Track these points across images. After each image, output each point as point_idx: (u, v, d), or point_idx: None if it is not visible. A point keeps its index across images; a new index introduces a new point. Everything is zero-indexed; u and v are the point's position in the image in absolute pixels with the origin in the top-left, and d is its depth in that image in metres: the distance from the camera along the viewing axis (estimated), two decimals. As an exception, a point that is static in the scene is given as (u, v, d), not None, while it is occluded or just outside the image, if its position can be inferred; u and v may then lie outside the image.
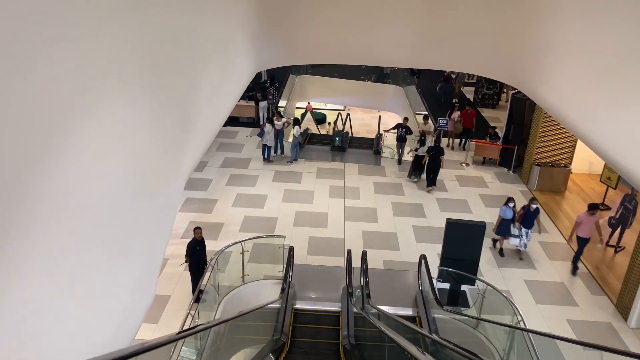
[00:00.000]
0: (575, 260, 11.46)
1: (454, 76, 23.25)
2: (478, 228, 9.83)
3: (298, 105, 25.20)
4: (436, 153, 14.57)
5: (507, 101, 22.74)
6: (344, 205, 13.77)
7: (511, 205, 11.67)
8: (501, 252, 11.88)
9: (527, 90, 6.04)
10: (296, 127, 15.83)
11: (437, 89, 22.80)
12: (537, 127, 14.99)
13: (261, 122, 17.51)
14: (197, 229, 9.75)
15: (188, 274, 9.97)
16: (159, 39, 2.89)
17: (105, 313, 2.43)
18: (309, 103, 25.62)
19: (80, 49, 2.08)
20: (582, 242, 11.24)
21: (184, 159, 3.62)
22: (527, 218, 11.52)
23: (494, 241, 12.17)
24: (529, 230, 11.60)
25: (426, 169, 14.85)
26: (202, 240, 9.83)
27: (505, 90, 23.06)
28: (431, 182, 14.71)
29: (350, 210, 13.56)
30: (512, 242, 11.82)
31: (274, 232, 12.14)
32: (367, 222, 13.01)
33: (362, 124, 25.70)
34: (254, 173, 15.35)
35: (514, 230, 11.66)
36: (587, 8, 4.76)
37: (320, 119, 24.75)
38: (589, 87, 4.67)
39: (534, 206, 11.47)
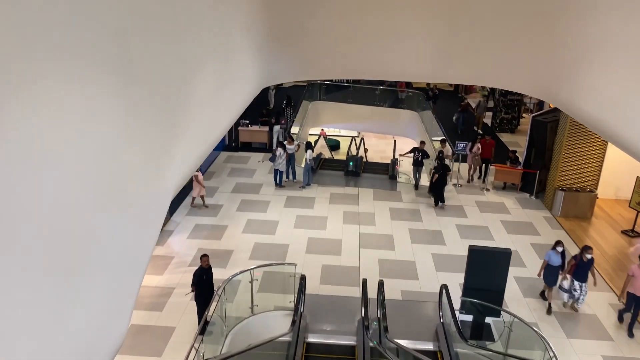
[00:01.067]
0: (631, 326, 9.72)
1: (474, 105, 22.05)
2: (503, 255, 9.17)
3: (311, 132, 24.90)
4: (444, 172, 14.64)
5: (525, 125, 22.30)
6: (358, 232, 13.18)
7: (560, 249, 9.92)
8: (549, 310, 10.24)
9: (559, 102, 5.53)
10: (309, 151, 15.41)
11: (453, 120, 21.74)
12: (560, 150, 14.37)
13: (274, 147, 17.21)
14: (204, 257, 9.24)
15: (194, 304, 9.43)
16: (131, 11, 2.39)
17: (50, 353, 1.90)
18: (322, 129, 25.29)
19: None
20: (635, 300, 9.56)
21: (170, 166, 3.14)
22: (581, 269, 9.87)
23: (542, 293, 10.65)
24: (583, 284, 9.90)
25: (432, 187, 14.89)
26: (209, 268, 9.31)
27: (523, 114, 22.52)
28: (440, 198, 14.71)
29: (366, 237, 12.96)
30: (562, 296, 10.28)
31: (285, 260, 11.58)
32: (383, 249, 12.40)
33: (377, 150, 25.23)
34: (265, 198, 14.89)
35: (563, 283, 10.05)
36: (624, 3, 4.27)
37: (334, 146, 24.38)
38: (635, 90, 4.15)
39: (588, 256, 9.71)
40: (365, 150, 20.23)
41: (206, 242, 12.42)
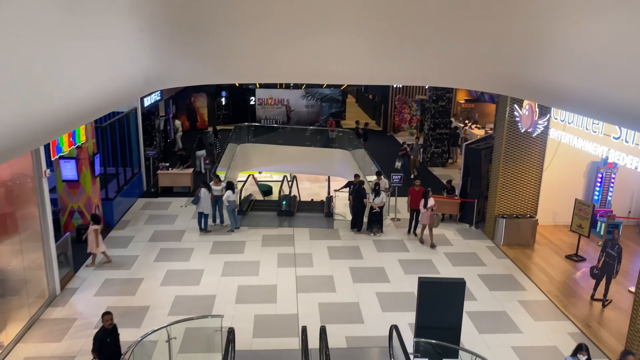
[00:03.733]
0: None
1: (408, 147, 20.45)
2: (457, 286, 8.19)
3: (240, 177, 23.64)
4: (359, 196, 14.34)
5: (453, 162, 22.22)
6: (295, 275, 11.84)
7: (583, 358, 7.23)
8: None
9: (524, 86, 4.73)
10: (228, 191, 13.95)
11: (396, 167, 19.58)
12: (497, 177, 13.96)
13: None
14: (106, 315, 7.55)
15: (96, 375, 7.63)
16: None
17: None
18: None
19: None
20: None
21: None
22: None
23: None
24: None
25: (352, 211, 14.66)
26: (114, 328, 7.61)
27: (453, 148, 22.48)
28: (356, 224, 14.48)
29: (303, 279, 11.64)
30: None
31: (211, 312, 10.00)
32: (323, 292, 11.11)
33: (310, 193, 24.23)
34: (188, 246, 13.26)
35: None
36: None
37: (266, 191, 23.19)
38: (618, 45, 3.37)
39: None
40: (297, 189, 19.15)
41: (117, 299, 10.60)
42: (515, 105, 12.97)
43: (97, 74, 3.50)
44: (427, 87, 26.56)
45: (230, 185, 14.07)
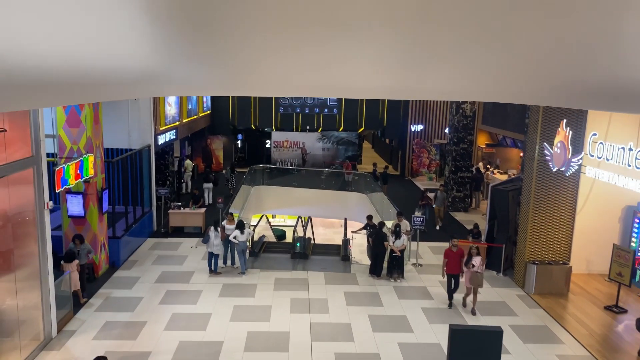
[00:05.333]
0: None
1: (431, 195, 18.57)
2: (493, 335, 7.25)
3: (253, 221, 22.99)
4: (379, 238, 13.43)
5: (475, 207, 21.33)
6: (309, 322, 10.91)
7: None
8: None
9: (601, 95, 4.06)
10: (236, 231, 13.24)
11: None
12: (526, 221, 13.07)
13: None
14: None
15: None
16: None
17: None
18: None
19: None
20: None
21: None
22: None
23: None
24: None
25: (371, 254, 13.76)
26: (108, 375, 6.79)
27: (475, 192, 21.64)
28: (376, 269, 13.50)
29: (318, 327, 10.70)
30: None
31: (217, 361, 9.10)
32: (340, 341, 10.14)
33: (325, 239, 23.40)
34: (196, 288, 12.45)
35: None
36: None
37: (280, 235, 22.45)
38: None
39: None
40: (312, 231, 18.36)
41: (117, 343, 9.75)
42: (545, 143, 12.26)
43: (93, 45, 2.93)
44: (447, 130, 26.07)
45: (240, 225, 13.36)
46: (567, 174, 12.01)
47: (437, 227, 17.91)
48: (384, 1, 4.50)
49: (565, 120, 11.53)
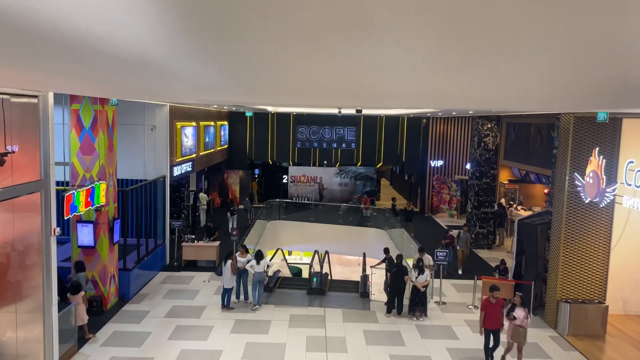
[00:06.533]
0: None
1: (454, 234, 17.15)
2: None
3: (269, 256, 22.42)
4: (399, 272, 12.71)
5: (499, 244, 20.44)
6: (326, 362, 10.19)
7: None
8: None
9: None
10: (253, 260, 12.76)
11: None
12: (557, 255, 12.30)
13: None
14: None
15: None
16: None
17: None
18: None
19: None
20: None
21: None
22: None
23: None
24: None
25: (390, 289, 12.93)
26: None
27: (498, 230, 20.79)
28: (395, 305, 12.74)
29: (335, 367, 9.96)
30: None
31: (226, 403, 8.41)
32: (359, 383, 9.39)
33: (343, 277, 22.64)
34: (207, 323, 11.83)
35: None
36: None
37: (296, 273, 21.81)
38: None
39: None
40: (329, 266, 17.67)
41: (121, 382, 9.14)
42: (576, 173, 11.63)
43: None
44: (468, 165, 25.47)
45: (258, 255, 12.84)
46: (600, 205, 11.30)
47: (460, 271, 16.49)
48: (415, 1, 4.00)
49: (597, 149, 10.93)
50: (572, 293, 12.25)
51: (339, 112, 17.74)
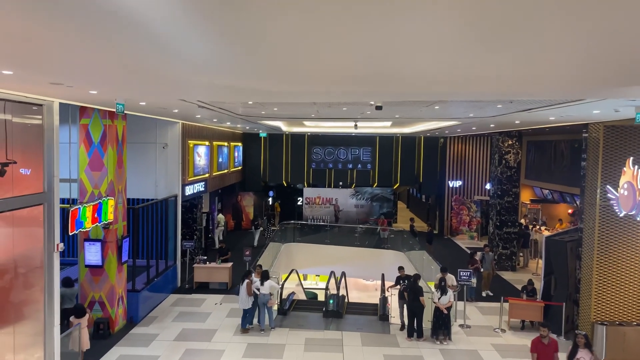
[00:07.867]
0: None
1: (478, 257, 15.97)
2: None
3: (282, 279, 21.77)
4: (414, 292, 12.05)
5: (524, 266, 19.55)
6: (344, 388, 9.47)
7: None
8: None
9: None
10: (257, 282, 12.20)
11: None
12: (590, 274, 11.51)
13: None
14: None
15: None
16: None
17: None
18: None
19: None
20: None
21: None
22: None
23: None
24: None
25: (407, 313, 12.26)
26: None
27: (522, 250, 19.90)
28: (414, 329, 11.97)
29: (355, 394, 9.24)
30: None
31: None
32: (381, 411, 8.66)
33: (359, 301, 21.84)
34: (218, 347, 11.19)
35: None
36: None
37: (312, 298, 21.10)
38: None
39: None
40: (346, 288, 16.95)
41: (125, 409, 8.53)
42: (609, 186, 10.94)
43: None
44: (488, 185, 24.74)
45: (264, 275, 12.31)
46: (638, 219, 10.55)
47: (484, 294, 15.56)
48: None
49: (631, 158, 10.27)
50: (608, 314, 11.41)
51: (355, 125, 17.29)
